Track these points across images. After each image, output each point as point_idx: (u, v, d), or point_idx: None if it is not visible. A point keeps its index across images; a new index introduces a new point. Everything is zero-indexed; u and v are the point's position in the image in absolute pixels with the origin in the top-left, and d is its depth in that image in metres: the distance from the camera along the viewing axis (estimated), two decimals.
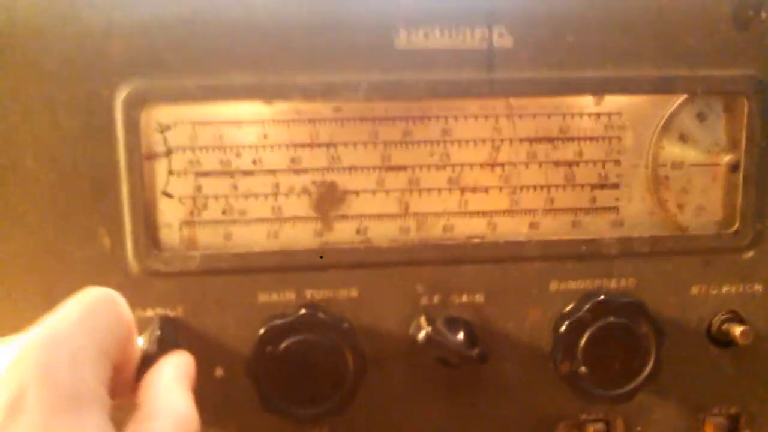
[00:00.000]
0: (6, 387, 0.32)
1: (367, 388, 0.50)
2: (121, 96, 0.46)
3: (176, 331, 0.48)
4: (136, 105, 0.47)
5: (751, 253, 0.54)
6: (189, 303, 0.49)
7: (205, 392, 0.49)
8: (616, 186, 0.54)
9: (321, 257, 0.50)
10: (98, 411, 0.33)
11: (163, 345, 0.45)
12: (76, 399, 0.32)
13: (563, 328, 0.51)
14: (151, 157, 0.49)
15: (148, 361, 0.42)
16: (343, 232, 0.52)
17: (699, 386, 0.55)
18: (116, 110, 0.47)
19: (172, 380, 0.39)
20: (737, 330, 0.53)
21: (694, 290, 0.54)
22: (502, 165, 0.52)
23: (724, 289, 0.54)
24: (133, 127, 0.47)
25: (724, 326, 0.54)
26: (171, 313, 0.49)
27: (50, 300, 0.47)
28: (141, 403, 0.37)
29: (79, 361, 0.34)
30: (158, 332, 0.45)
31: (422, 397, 0.53)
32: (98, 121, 0.47)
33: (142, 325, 0.48)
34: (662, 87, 0.51)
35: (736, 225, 0.53)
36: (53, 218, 0.47)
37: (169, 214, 0.50)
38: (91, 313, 0.36)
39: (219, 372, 0.50)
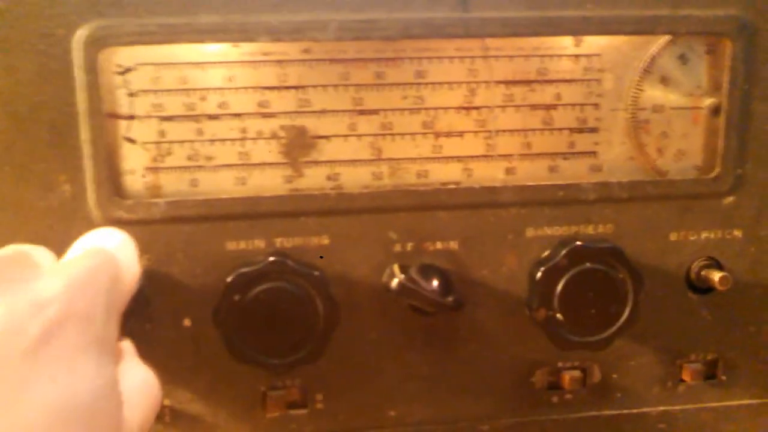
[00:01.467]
0: (45, 315, 0.32)
1: (340, 337, 0.49)
2: (78, 37, 0.44)
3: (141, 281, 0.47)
4: (94, 46, 0.45)
5: (731, 199, 0.53)
6: (154, 252, 0.48)
7: (173, 343, 0.49)
8: (594, 130, 0.52)
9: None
10: (113, 364, 0.35)
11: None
12: (103, 344, 0.34)
13: (539, 274, 0.50)
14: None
15: None
16: (314, 179, 0.50)
17: (677, 333, 0.55)
18: (74, 52, 0.45)
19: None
20: (716, 276, 0.52)
21: (673, 236, 0.53)
22: (478, 108, 0.51)
23: (704, 235, 0.54)
24: (91, 69, 0.45)
25: (703, 272, 0.53)
26: None
27: None
28: None
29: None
30: None
31: (397, 345, 0.52)
32: (55, 63, 0.45)
33: None
34: (643, 27, 0.50)
35: (717, 170, 0.52)
36: (10, 166, 0.46)
37: (132, 161, 0.48)
38: (98, 271, 0.37)
39: (187, 322, 0.49)
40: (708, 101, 0.52)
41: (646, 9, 0.49)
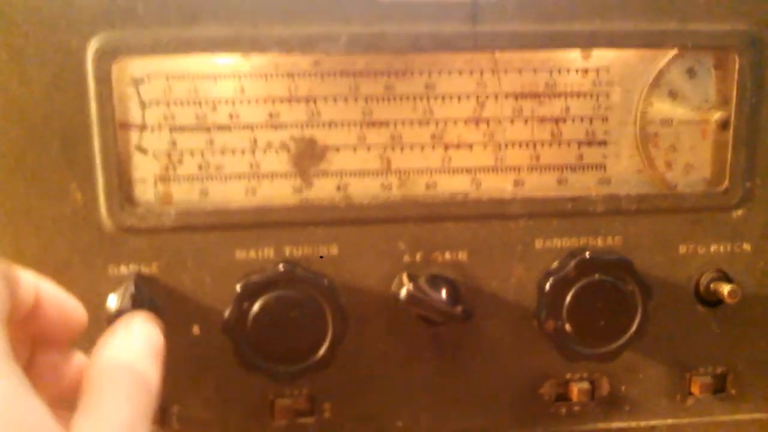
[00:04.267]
0: None
1: (348, 347, 0.49)
2: (91, 48, 0.45)
3: (152, 289, 0.47)
4: (107, 57, 0.45)
5: (740, 212, 0.53)
6: (164, 260, 0.48)
7: (182, 351, 0.49)
8: (603, 143, 0.53)
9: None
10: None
11: (137, 303, 0.44)
12: None
13: (548, 285, 0.50)
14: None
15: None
16: (323, 189, 0.51)
17: (685, 345, 0.55)
18: (87, 63, 0.45)
19: (139, 352, 0.36)
20: (725, 289, 0.52)
21: (682, 249, 0.53)
22: (487, 121, 0.51)
23: (713, 248, 0.53)
24: (104, 80, 0.45)
25: (712, 285, 0.53)
26: (146, 270, 0.48)
27: (22, 260, 0.46)
28: (92, 376, 0.33)
29: None
30: (132, 290, 0.45)
31: (405, 355, 0.52)
32: (69, 73, 0.45)
33: (117, 283, 0.47)
34: (652, 41, 0.50)
35: (726, 183, 0.52)
36: (23, 174, 0.46)
37: (144, 170, 0.49)
38: None
39: (196, 330, 0.49)
40: (716, 115, 0.52)
41: (654, 23, 0.50)
